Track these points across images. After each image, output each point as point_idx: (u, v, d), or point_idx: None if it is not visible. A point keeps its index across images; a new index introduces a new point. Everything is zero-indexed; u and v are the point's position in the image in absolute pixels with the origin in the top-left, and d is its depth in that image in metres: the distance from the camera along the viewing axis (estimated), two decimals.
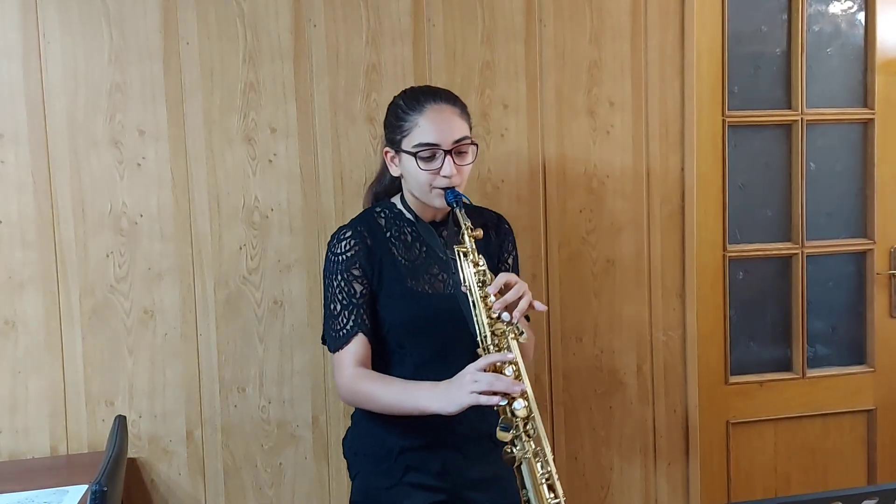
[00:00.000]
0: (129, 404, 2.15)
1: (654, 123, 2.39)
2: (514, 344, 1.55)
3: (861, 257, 2.65)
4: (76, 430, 2.13)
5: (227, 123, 2.16)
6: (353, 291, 1.72)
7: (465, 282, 1.60)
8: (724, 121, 2.48)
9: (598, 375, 2.40)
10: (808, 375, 2.59)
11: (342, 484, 2.27)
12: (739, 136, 2.53)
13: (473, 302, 1.58)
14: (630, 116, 2.37)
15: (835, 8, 2.59)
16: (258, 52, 2.16)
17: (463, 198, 1.65)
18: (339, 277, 1.73)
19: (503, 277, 1.58)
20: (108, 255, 2.12)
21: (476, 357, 1.54)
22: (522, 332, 1.56)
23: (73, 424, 2.13)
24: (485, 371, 1.50)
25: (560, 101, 2.32)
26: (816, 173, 2.59)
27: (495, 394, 1.47)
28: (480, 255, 1.61)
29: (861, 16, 2.60)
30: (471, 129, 1.75)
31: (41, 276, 2.09)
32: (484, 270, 1.60)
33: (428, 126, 1.67)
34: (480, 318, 1.57)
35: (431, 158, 1.67)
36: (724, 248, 2.52)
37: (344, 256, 1.73)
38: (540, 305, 1.57)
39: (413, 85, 1.89)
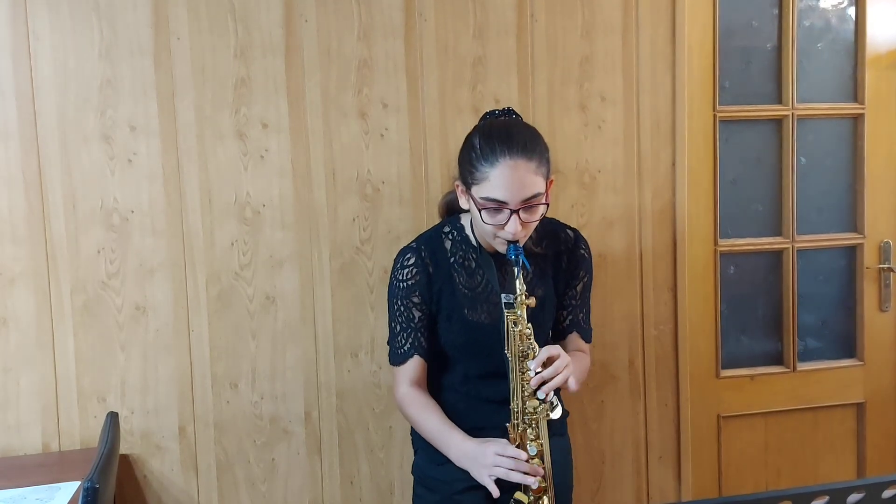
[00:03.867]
0: (121, 400, 2.15)
1: (646, 118, 2.39)
2: (543, 424, 1.62)
3: (851, 251, 2.66)
4: (68, 427, 2.13)
5: (218, 119, 2.15)
6: (411, 316, 1.79)
7: (508, 349, 1.64)
8: (715, 115, 2.48)
9: (589, 369, 2.40)
10: (798, 369, 2.61)
11: (335, 479, 2.27)
12: (730, 131, 2.54)
13: (513, 370, 1.64)
14: (621, 111, 2.37)
15: (825, 3, 2.60)
16: (249, 47, 2.16)
17: (523, 259, 1.63)
18: (400, 302, 1.80)
19: (545, 353, 1.59)
20: (99, 251, 2.12)
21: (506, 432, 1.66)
22: (556, 407, 1.62)
23: (65, 421, 2.13)
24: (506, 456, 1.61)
25: (552, 95, 2.32)
26: (807, 168, 2.60)
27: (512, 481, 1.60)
28: (529, 325, 1.63)
29: (851, 11, 2.61)
30: (548, 177, 1.68)
31: (32, 272, 2.09)
32: (531, 343, 1.62)
33: (498, 182, 1.59)
34: (516, 390, 1.63)
35: (497, 212, 1.62)
36: (716, 243, 2.52)
37: (405, 284, 1.79)
38: (573, 385, 1.60)
39: (493, 118, 1.75)
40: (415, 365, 1.80)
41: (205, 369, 2.19)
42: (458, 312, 1.77)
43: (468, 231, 1.81)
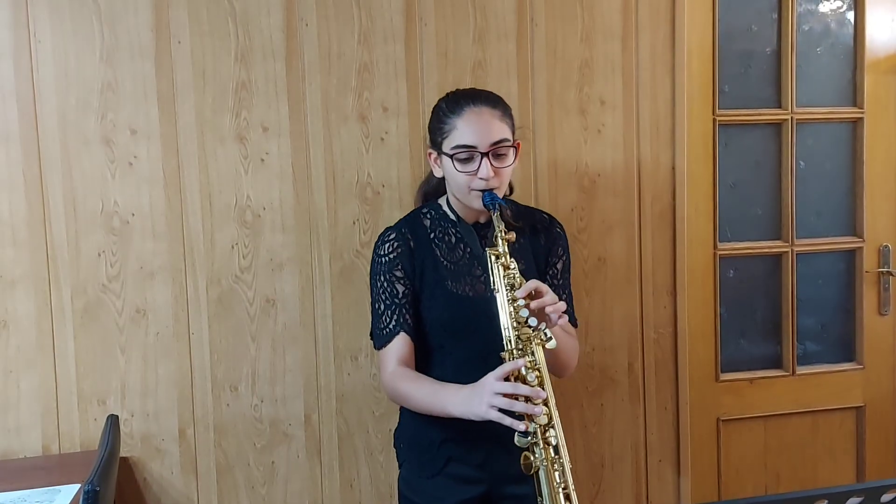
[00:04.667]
0: (121, 403, 2.15)
1: (645, 122, 2.40)
2: (538, 350, 1.54)
3: (850, 255, 2.67)
4: (68, 430, 2.13)
5: (218, 122, 2.16)
6: (395, 292, 1.76)
7: (494, 284, 1.60)
8: (714, 119, 2.49)
9: (589, 373, 2.41)
10: (797, 373, 2.61)
11: (334, 482, 2.27)
12: (730, 135, 2.54)
13: (501, 304, 1.58)
14: (621, 115, 2.38)
15: (824, 7, 2.60)
16: (250, 51, 2.16)
17: (499, 201, 1.65)
18: (383, 278, 1.77)
19: (533, 283, 1.57)
20: (99, 254, 2.12)
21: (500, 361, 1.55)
22: (550, 339, 1.54)
23: (66, 423, 2.13)
24: (506, 380, 1.49)
25: (551, 99, 2.33)
26: (806, 172, 2.61)
27: (515, 411, 1.46)
28: (512, 259, 1.61)
29: (850, 15, 2.61)
30: (513, 131, 1.74)
31: (33, 274, 2.09)
32: (514, 274, 1.59)
33: (465, 128, 1.68)
34: (507, 321, 1.57)
35: (469, 160, 1.67)
36: (715, 247, 2.53)
37: (387, 258, 1.77)
38: (556, 317, 1.56)
39: (456, 90, 1.82)
40: (401, 343, 1.74)
41: (205, 372, 2.19)
42: (441, 286, 1.76)
43: (445, 208, 1.83)
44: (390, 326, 1.75)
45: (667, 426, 2.48)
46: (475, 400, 1.51)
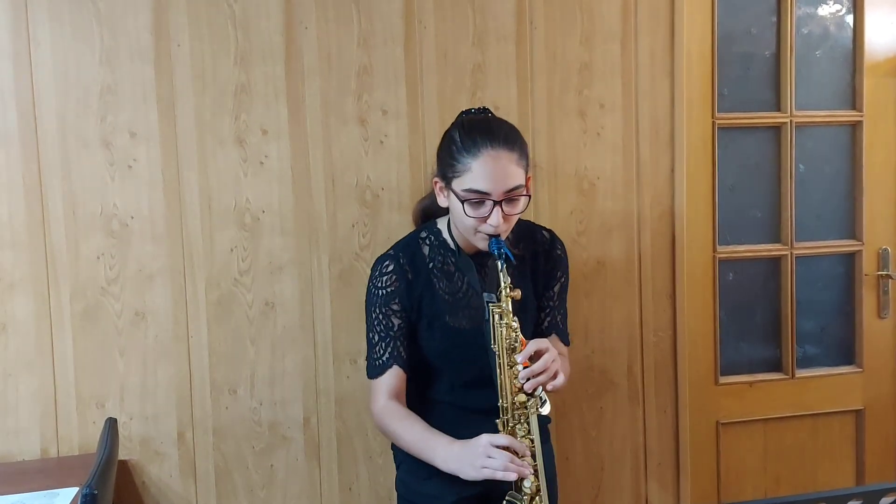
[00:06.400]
0: (120, 406, 2.15)
1: (645, 125, 2.40)
2: (533, 419, 1.57)
3: (850, 258, 2.67)
4: (67, 433, 2.13)
5: (218, 125, 2.16)
6: (390, 325, 1.76)
7: (495, 343, 1.60)
8: (713, 123, 2.49)
9: (588, 376, 2.41)
10: (797, 376, 2.61)
11: (333, 485, 2.27)
12: (729, 138, 2.54)
13: (500, 366, 1.59)
14: (620, 118, 2.38)
15: (823, 10, 2.61)
16: (249, 54, 2.16)
17: (505, 250, 1.59)
18: (378, 311, 1.77)
19: (533, 346, 1.56)
20: (98, 257, 2.12)
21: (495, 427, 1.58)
22: (545, 402, 1.56)
23: (64, 426, 2.13)
24: (499, 447, 1.52)
25: (551, 102, 2.33)
26: (805, 175, 2.60)
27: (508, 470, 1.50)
28: (515, 318, 1.59)
29: (850, 18, 2.61)
30: (527, 172, 1.68)
31: (32, 277, 2.09)
32: (517, 336, 1.58)
33: (480, 172, 1.60)
34: (505, 384, 1.58)
35: (480, 205, 1.62)
36: (714, 250, 2.53)
37: (384, 291, 1.76)
38: (560, 382, 1.57)
39: (471, 115, 1.76)
40: (393, 376, 1.74)
41: (204, 375, 2.19)
42: (440, 319, 1.75)
43: (445, 235, 1.80)
44: (383, 358, 1.75)
45: (666, 429, 2.48)
46: (468, 462, 1.54)
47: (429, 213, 1.90)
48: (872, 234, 2.63)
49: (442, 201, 1.73)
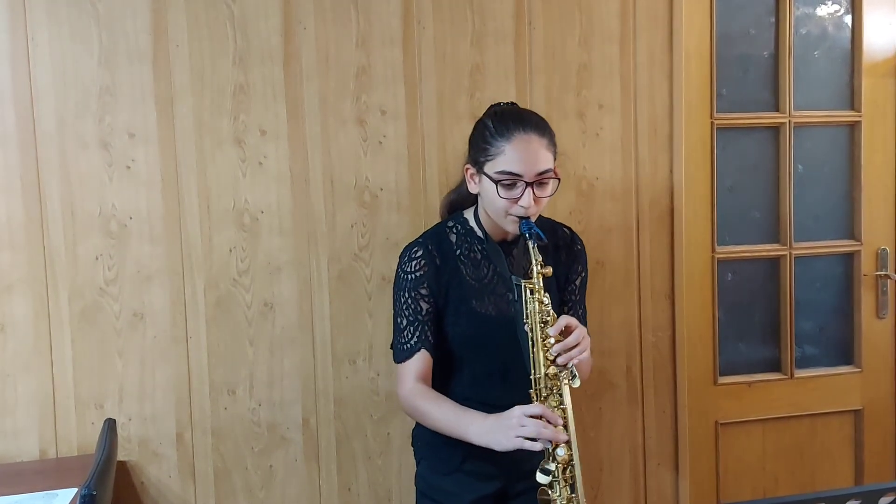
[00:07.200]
0: (118, 407, 2.15)
1: (643, 126, 2.40)
2: (566, 389, 1.60)
3: (848, 258, 2.67)
4: (65, 433, 2.13)
5: (216, 125, 2.15)
6: (419, 309, 1.78)
7: (527, 318, 1.63)
8: (712, 123, 2.49)
9: (587, 377, 2.40)
10: (796, 376, 2.61)
11: (332, 486, 2.27)
12: (727, 139, 2.55)
13: (533, 340, 1.62)
14: (619, 119, 2.38)
15: (822, 11, 2.61)
16: (248, 55, 2.16)
17: (536, 230, 1.65)
18: (407, 295, 1.79)
19: (564, 320, 1.60)
20: (97, 258, 2.12)
21: (528, 397, 1.61)
22: (575, 377, 1.60)
23: (63, 427, 2.13)
24: (532, 416, 1.54)
25: (550, 103, 2.33)
26: (804, 175, 2.61)
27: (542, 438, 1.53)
28: (546, 294, 1.63)
29: (848, 19, 2.62)
30: (555, 158, 1.73)
31: (30, 278, 2.09)
32: (548, 311, 1.62)
33: (513, 155, 1.66)
34: (538, 357, 1.61)
35: (512, 187, 1.67)
36: (713, 250, 2.53)
37: (413, 275, 1.79)
38: (586, 356, 1.61)
39: (501, 106, 1.80)
40: (421, 360, 1.77)
41: (203, 376, 2.19)
42: (466, 304, 1.78)
43: (472, 224, 1.84)
44: (412, 342, 1.78)
45: (665, 430, 2.48)
46: (501, 432, 1.56)
47: (455, 206, 1.93)
48: (871, 235, 2.64)
49: (473, 188, 1.77)
